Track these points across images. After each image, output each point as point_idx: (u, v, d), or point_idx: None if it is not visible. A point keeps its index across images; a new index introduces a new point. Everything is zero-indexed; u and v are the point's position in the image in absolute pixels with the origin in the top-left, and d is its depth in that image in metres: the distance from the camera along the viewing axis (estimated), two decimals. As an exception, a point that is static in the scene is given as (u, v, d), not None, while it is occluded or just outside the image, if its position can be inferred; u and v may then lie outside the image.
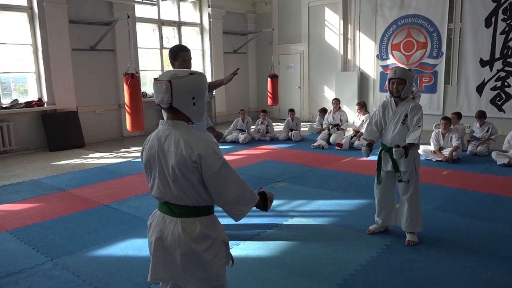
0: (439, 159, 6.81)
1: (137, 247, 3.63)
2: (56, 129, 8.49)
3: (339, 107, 8.85)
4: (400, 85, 3.56)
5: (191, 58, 3.51)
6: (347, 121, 8.76)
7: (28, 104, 8.34)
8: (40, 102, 8.53)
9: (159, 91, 1.76)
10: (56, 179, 6.09)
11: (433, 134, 7.09)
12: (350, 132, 8.70)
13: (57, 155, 7.96)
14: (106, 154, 7.96)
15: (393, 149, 3.48)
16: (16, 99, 8.26)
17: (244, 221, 4.24)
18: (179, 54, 3.44)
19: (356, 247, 3.61)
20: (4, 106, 8.07)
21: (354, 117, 8.68)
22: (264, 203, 1.97)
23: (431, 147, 7.03)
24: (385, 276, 3.10)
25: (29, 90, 8.72)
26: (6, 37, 8.18)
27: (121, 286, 3.00)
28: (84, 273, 3.18)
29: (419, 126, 3.53)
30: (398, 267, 3.23)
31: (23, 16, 8.33)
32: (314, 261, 3.36)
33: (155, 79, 1.79)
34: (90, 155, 7.91)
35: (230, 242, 3.63)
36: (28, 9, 8.30)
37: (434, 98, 9.89)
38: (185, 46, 3.56)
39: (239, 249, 3.58)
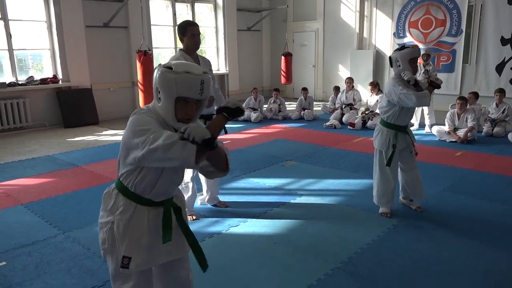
0: (454, 140, 6.69)
1: (146, 222, 3.70)
2: (71, 106, 8.61)
3: (353, 86, 8.71)
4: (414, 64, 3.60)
5: (199, 33, 3.51)
6: (360, 100, 8.63)
7: (43, 81, 8.44)
8: (55, 79, 8.63)
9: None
10: (70, 155, 6.21)
11: (448, 114, 6.95)
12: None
13: (71, 131, 8.09)
14: (120, 131, 8.05)
15: (403, 72, 3.57)
16: (32, 76, 8.36)
17: (251, 199, 4.28)
18: (188, 29, 3.44)
19: (363, 226, 3.62)
20: (20, 82, 8.19)
21: (368, 97, 8.54)
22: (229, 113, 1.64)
23: (446, 128, 6.90)
24: (390, 255, 3.11)
25: (44, 67, 8.81)
26: (21, 14, 8.22)
27: (130, 259, 3.07)
28: (94, 246, 3.27)
29: None
30: (404, 247, 3.23)
31: (37, -7, 8.35)
32: (320, 239, 3.38)
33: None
34: (104, 132, 8.02)
35: (237, 220, 3.71)
36: (42, -15, 8.31)
37: (452, 78, 9.63)
38: (193, 21, 3.57)
39: (246, 226, 3.62)
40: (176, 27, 3.50)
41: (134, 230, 1.79)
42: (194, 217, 3.75)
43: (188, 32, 3.44)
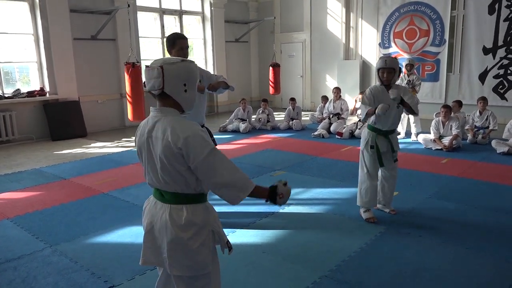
0: (439, 147, 6.80)
1: (134, 234, 3.69)
2: (58, 118, 8.56)
3: (340, 96, 8.83)
4: (390, 74, 3.69)
5: (188, 46, 3.50)
6: (347, 110, 8.74)
7: (30, 93, 8.39)
8: (42, 91, 8.58)
9: (150, 77, 1.77)
10: (58, 168, 6.17)
11: (433, 123, 7.07)
12: (351, 121, 8.69)
13: (59, 144, 8.03)
14: (108, 144, 8.02)
15: (390, 90, 3.66)
16: (18, 89, 8.30)
17: (240, 209, 4.30)
18: (177, 42, 3.42)
19: (350, 234, 3.65)
20: (6, 95, 8.13)
21: (357, 106, 8.65)
22: (272, 198, 1.90)
23: (431, 136, 7.01)
24: (377, 262, 3.14)
25: (31, 80, 8.76)
26: (8, 27, 8.20)
27: (118, 272, 3.06)
28: (82, 259, 3.25)
29: (411, 97, 3.77)
30: (390, 254, 3.27)
31: (24, 6, 8.33)
32: (308, 248, 3.40)
33: (147, 66, 1.80)
34: (92, 145, 7.98)
35: (226, 230, 3.71)
36: (29, -2, 8.31)
37: (436, 87, 9.83)
38: (182, 34, 3.56)
39: (235, 236, 3.63)
40: (165, 39, 3.51)
41: (218, 219, 1.97)
42: None
43: (177, 45, 3.43)
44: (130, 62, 8.47)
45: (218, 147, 6.91)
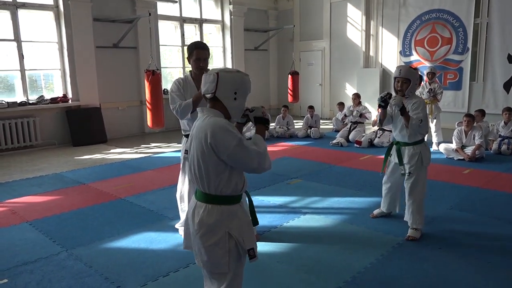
0: (461, 157, 6.61)
1: (149, 240, 3.70)
2: (80, 124, 8.73)
3: (359, 102, 8.71)
4: (405, 84, 3.61)
5: (206, 58, 3.36)
6: (370, 112, 8.63)
7: (54, 100, 8.60)
8: (65, 98, 8.79)
9: (206, 82, 1.96)
10: (78, 173, 6.27)
11: (455, 132, 6.89)
12: (370, 129, 8.56)
13: (80, 150, 8.18)
14: (127, 150, 8.12)
15: (392, 96, 3.55)
16: (42, 95, 8.53)
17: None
18: (194, 52, 3.33)
19: (366, 245, 3.56)
20: (31, 102, 8.36)
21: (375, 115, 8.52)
22: (265, 123, 2.15)
23: (453, 145, 6.83)
24: (394, 275, 3.05)
25: (55, 87, 8.99)
26: (34, 35, 8.45)
27: (131, 277, 3.06)
28: (96, 264, 3.27)
29: (421, 120, 3.55)
30: (408, 266, 3.17)
31: (50, 15, 8.59)
32: (323, 258, 3.33)
33: (205, 73, 2.01)
34: (112, 151, 8.10)
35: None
36: (54, 7, 8.55)
37: (459, 95, 9.60)
38: (202, 44, 3.42)
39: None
40: (187, 47, 3.45)
41: (245, 226, 2.03)
42: None
43: (194, 55, 3.32)
44: (150, 69, 8.61)
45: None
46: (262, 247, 3.54)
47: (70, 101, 8.84)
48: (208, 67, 3.40)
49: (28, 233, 3.95)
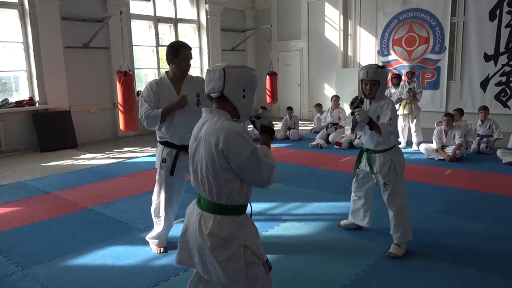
0: (442, 158, 6.53)
1: (116, 255, 3.39)
2: (48, 129, 8.27)
3: (338, 105, 8.58)
4: (374, 87, 3.21)
5: (192, 58, 3.21)
6: (346, 118, 8.48)
7: (19, 103, 8.13)
8: (31, 101, 8.32)
9: (211, 79, 1.80)
10: (43, 181, 5.87)
11: (435, 132, 6.81)
12: (350, 130, 8.40)
13: (48, 156, 7.74)
14: (98, 155, 7.73)
15: (356, 110, 3.15)
16: (6, 99, 8.05)
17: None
18: (182, 51, 3.10)
19: (351, 254, 3.35)
20: (-7, 105, 7.87)
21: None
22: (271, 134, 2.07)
23: (433, 145, 6.74)
24: (381, 287, 2.85)
25: (20, 89, 8.51)
26: (-4, 35, 7.97)
27: (93, 299, 2.76)
28: (55, 285, 2.94)
29: (390, 118, 3.19)
30: (396, 277, 2.97)
31: (14, 13, 8.11)
32: (306, 271, 3.10)
33: (208, 70, 1.84)
34: (82, 156, 7.69)
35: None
36: (19, 5, 8.07)
37: (437, 95, 9.59)
38: (187, 44, 3.20)
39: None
40: (168, 46, 3.17)
41: (256, 236, 1.91)
42: (162, 250, 3.43)
43: (182, 55, 3.09)
44: (122, 70, 8.22)
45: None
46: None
47: (37, 104, 8.37)
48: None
49: (-19, 250, 3.58)
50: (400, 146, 7.51)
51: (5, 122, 7.90)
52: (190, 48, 3.13)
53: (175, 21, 10.83)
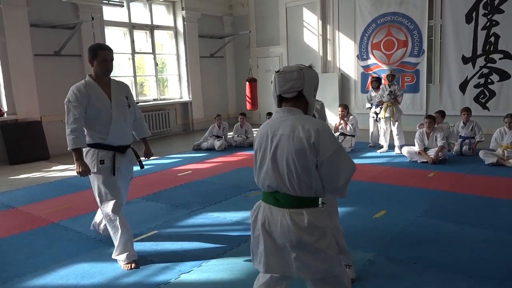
0: (425, 160, 6.43)
1: (79, 274, 3.10)
2: (17, 140, 7.87)
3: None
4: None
5: (112, 59, 3.21)
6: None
7: (-14, 114, 7.73)
8: (-1, 112, 7.93)
9: (288, 80, 1.88)
10: (9, 195, 5.51)
11: (417, 134, 6.71)
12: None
13: (17, 168, 7.35)
14: (71, 166, 7.36)
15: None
16: (-28, 109, 7.64)
17: (208, 237, 3.75)
18: (99, 53, 3.13)
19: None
20: (-43, 117, 7.45)
21: (337, 120, 8.25)
22: None
23: (416, 148, 6.65)
24: (368, 298, 2.65)
25: (-13, 100, 8.10)
26: (-40, 43, 7.58)
27: (52, 325, 2.47)
28: (9, 310, 2.65)
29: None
30: (384, 286, 2.78)
31: (-22, 20, 7.74)
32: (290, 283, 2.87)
33: (278, 71, 1.94)
34: (53, 168, 7.32)
35: (190, 264, 3.18)
36: (-16, 12, 7.72)
37: (417, 98, 9.57)
38: (106, 45, 3.26)
39: (200, 271, 3.07)
40: (87, 49, 3.22)
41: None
42: (133, 265, 3.17)
43: (99, 56, 3.12)
44: (94, 78, 7.91)
45: (190, 166, 6.32)
46: (215, 274, 3.04)
47: (5, 114, 7.97)
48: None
49: None
50: (382, 150, 7.50)
51: (-29, 134, 7.49)
52: (108, 50, 3.17)
53: (151, 28, 10.59)
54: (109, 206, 3.15)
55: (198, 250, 3.43)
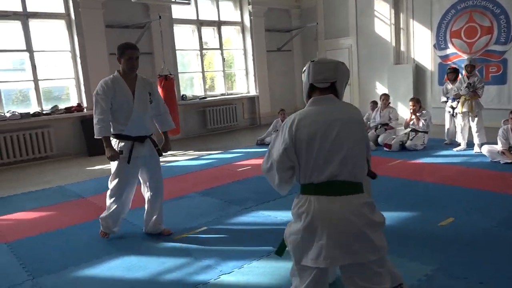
0: (509, 161, 5.70)
1: (126, 266, 3.18)
2: (95, 134, 8.45)
3: (389, 104, 7.89)
4: None
5: (137, 57, 3.45)
6: (397, 118, 7.79)
7: (68, 109, 8.39)
8: (79, 107, 8.57)
9: (324, 70, 1.96)
10: (82, 185, 5.91)
11: (500, 131, 5.96)
12: (401, 131, 7.71)
13: (94, 160, 7.89)
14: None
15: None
16: (56, 105, 8.34)
17: (256, 237, 3.65)
18: (126, 52, 3.39)
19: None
20: (45, 112, 8.18)
21: (408, 115, 7.68)
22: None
23: (498, 147, 5.92)
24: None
25: (70, 96, 8.80)
26: (46, 45, 8.29)
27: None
28: (59, 298, 2.78)
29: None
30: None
31: (61, 24, 8.41)
32: (331, 292, 2.67)
33: (312, 61, 2.01)
34: (124, 160, 7.73)
35: (232, 264, 3.10)
36: (66, 16, 8.36)
37: (504, 90, 8.56)
38: (133, 45, 3.51)
39: (241, 273, 2.98)
40: (116, 48, 3.50)
41: None
42: (106, 236, 3.72)
43: (126, 55, 3.39)
44: (163, 74, 8.24)
45: (250, 162, 6.24)
46: (256, 277, 2.93)
47: (85, 110, 8.60)
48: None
49: (2, 256, 3.54)
50: (459, 148, 6.83)
51: (55, 128, 8.19)
52: (134, 49, 3.42)
53: (218, 24, 10.73)
54: (114, 185, 3.65)
55: (243, 250, 3.35)
